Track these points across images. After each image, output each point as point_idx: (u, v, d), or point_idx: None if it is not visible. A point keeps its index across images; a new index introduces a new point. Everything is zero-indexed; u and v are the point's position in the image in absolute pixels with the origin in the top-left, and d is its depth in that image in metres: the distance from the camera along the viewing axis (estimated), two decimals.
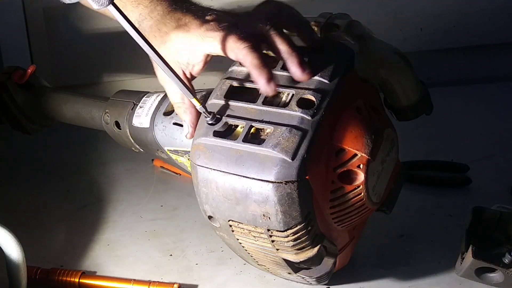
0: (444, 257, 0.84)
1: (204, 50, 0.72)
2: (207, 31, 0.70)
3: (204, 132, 0.68)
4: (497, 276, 0.77)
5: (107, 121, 0.90)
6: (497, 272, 0.77)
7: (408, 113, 0.84)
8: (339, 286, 0.81)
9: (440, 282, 0.81)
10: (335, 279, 0.80)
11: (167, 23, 0.74)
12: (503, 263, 0.76)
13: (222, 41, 0.69)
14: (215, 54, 0.71)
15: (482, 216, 0.82)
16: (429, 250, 0.86)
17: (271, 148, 0.64)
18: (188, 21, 0.72)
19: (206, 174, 0.67)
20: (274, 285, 0.82)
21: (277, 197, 0.64)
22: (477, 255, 0.76)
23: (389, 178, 0.76)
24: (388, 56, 0.80)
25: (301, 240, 0.67)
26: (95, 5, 0.60)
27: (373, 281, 0.82)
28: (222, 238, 0.74)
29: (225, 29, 0.69)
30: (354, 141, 0.68)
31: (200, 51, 0.72)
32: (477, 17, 1.37)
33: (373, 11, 1.33)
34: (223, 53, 0.70)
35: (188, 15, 0.73)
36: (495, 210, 0.82)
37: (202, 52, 0.72)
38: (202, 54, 0.72)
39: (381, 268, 0.83)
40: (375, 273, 0.83)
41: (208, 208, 0.69)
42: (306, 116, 0.65)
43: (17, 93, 1.02)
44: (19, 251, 0.74)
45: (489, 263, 0.76)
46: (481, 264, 0.76)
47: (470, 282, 0.79)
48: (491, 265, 0.76)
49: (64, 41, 1.32)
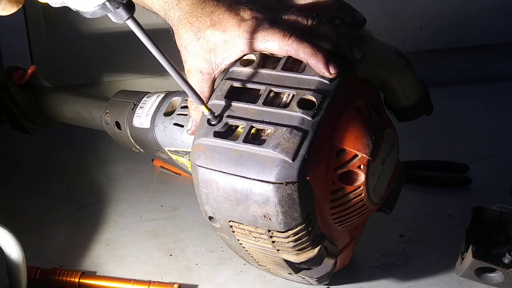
0: (444, 257, 0.84)
1: (244, 51, 0.71)
2: (246, 32, 0.70)
3: (204, 133, 0.68)
4: (497, 276, 0.77)
5: (107, 121, 0.90)
6: (497, 272, 0.77)
7: (408, 113, 0.84)
8: (339, 286, 0.81)
9: (440, 282, 0.81)
10: (335, 279, 0.80)
11: (199, 17, 0.71)
12: (503, 263, 0.76)
13: (266, 40, 0.69)
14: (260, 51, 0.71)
15: (482, 216, 0.82)
16: (429, 250, 0.86)
17: (272, 148, 0.64)
18: (222, 17, 0.71)
19: (207, 175, 0.67)
20: (274, 285, 0.82)
21: (278, 198, 0.64)
22: (477, 255, 0.76)
23: (390, 178, 0.76)
24: (389, 56, 0.80)
25: (302, 240, 0.67)
26: (115, 19, 0.61)
27: (373, 281, 0.82)
28: (223, 239, 0.74)
29: (266, 26, 0.69)
30: (355, 142, 0.67)
31: (239, 51, 0.71)
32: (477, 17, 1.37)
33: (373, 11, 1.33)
34: (271, 51, 0.70)
35: (220, 8, 0.71)
36: (495, 210, 0.82)
37: (241, 53, 0.71)
38: (238, 54, 0.71)
39: (381, 268, 0.83)
40: (375, 273, 0.83)
41: (209, 208, 0.69)
42: (307, 116, 0.65)
43: (17, 93, 1.02)
44: (19, 251, 0.74)
45: (489, 263, 0.76)
46: (481, 264, 0.76)
47: (470, 282, 0.79)
48: (491, 265, 0.76)
49: (64, 41, 1.32)
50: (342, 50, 0.70)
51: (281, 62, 0.71)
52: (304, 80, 0.68)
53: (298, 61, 0.70)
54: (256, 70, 0.71)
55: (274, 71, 0.70)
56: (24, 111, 1.03)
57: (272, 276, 0.82)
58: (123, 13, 0.60)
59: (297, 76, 0.69)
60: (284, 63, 0.70)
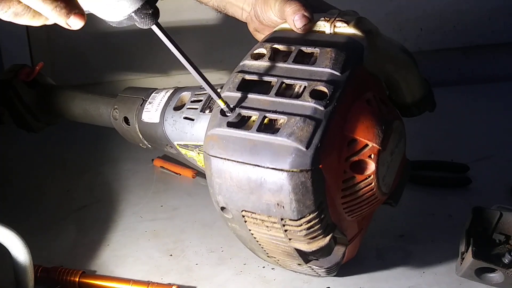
0: (444, 257, 0.84)
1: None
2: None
3: (217, 123, 0.69)
4: (497, 276, 0.77)
5: (115, 117, 0.91)
6: (497, 272, 0.77)
7: (412, 109, 0.85)
8: (339, 287, 0.81)
9: (440, 282, 0.81)
10: (335, 279, 0.80)
11: None
12: (503, 263, 0.76)
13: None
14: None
15: (482, 216, 0.82)
16: (429, 250, 0.86)
17: (286, 137, 0.64)
18: None
19: (220, 165, 0.67)
20: (274, 285, 0.82)
21: (292, 185, 0.64)
22: (477, 255, 0.76)
23: (397, 170, 0.77)
24: (395, 52, 0.81)
25: (314, 229, 0.68)
26: (140, 26, 0.62)
27: (373, 281, 0.82)
28: (234, 230, 0.74)
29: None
30: (366, 132, 0.69)
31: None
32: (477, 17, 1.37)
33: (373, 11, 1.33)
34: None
35: None
36: (495, 210, 0.82)
37: None
38: None
39: (381, 268, 0.83)
40: (375, 273, 0.83)
41: (221, 199, 0.69)
42: (319, 106, 0.66)
43: (24, 91, 1.02)
44: (26, 254, 0.74)
45: (489, 263, 0.76)
46: (481, 264, 0.76)
47: (470, 282, 0.79)
48: (491, 265, 0.76)
49: (64, 41, 1.32)
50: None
51: (292, 55, 0.72)
52: (315, 72, 0.69)
53: (309, 55, 0.72)
54: (267, 63, 0.72)
55: (285, 64, 0.71)
56: (31, 109, 1.03)
57: (272, 276, 0.82)
58: (149, 21, 0.62)
59: (308, 68, 0.70)
60: (295, 56, 0.72)
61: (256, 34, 0.85)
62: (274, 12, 0.78)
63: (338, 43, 0.72)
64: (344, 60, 0.70)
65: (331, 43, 0.72)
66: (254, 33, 0.85)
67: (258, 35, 0.85)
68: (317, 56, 0.71)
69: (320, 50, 0.71)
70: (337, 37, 0.74)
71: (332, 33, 0.75)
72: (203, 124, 0.77)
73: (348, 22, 0.74)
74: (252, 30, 0.85)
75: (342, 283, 0.81)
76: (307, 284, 0.81)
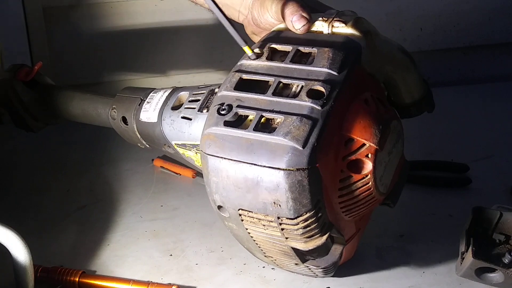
0: (444, 257, 0.84)
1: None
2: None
3: (214, 122, 0.69)
4: (497, 276, 0.77)
5: (114, 116, 0.91)
6: (497, 272, 0.77)
7: (411, 110, 0.85)
8: (339, 287, 0.81)
9: (440, 282, 0.81)
10: (334, 279, 0.80)
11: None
12: (503, 263, 0.76)
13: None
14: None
15: (482, 216, 0.82)
16: (429, 250, 0.86)
17: (282, 136, 0.65)
18: None
19: (217, 163, 0.68)
20: (274, 285, 0.82)
21: (288, 184, 0.64)
22: (477, 255, 0.76)
23: (395, 170, 0.77)
24: (394, 52, 0.81)
25: (311, 228, 0.68)
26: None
27: (373, 281, 0.82)
28: (231, 229, 0.74)
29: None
30: (363, 131, 0.69)
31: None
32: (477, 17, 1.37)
33: (373, 11, 1.34)
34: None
35: None
36: (495, 210, 0.82)
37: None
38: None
39: (381, 268, 0.83)
40: (375, 273, 0.83)
41: (218, 197, 0.69)
42: (316, 106, 0.66)
43: (22, 91, 1.02)
44: (26, 254, 0.74)
45: (489, 263, 0.76)
46: (481, 264, 0.76)
47: (470, 282, 0.79)
48: (491, 265, 0.76)
49: (64, 41, 1.32)
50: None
51: (289, 55, 0.72)
52: (312, 71, 0.70)
53: (306, 54, 0.72)
54: (265, 63, 0.72)
55: (282, 64, 0.71)
56: (30, 109, 1.02)
57: (272, 276, 0.82)
58: None
59: (305, 68, 0.70)
60: (292, 56, 0.72)
61: (253, 37, 0.85)
62: (271, 14, 0.78)
63: (336, 43, 0.72)
64: (342, 60, 0.70)
65: (329, 43, 0.72)
66: (251, 36, 0.85)
67: (255, 38, 0.85)
68: (315, 56, 0.71)
69: (318, 50, 0.71)
70: (335, 37, 0.74)
71: (330, 33, 0.75)
72: (200, 124, 0.77)
73: (346, 22, 0.74)
74: (249, 33, 0.85)
75: (342, 283, 0.81)
76: (307, 284, 0.81)
